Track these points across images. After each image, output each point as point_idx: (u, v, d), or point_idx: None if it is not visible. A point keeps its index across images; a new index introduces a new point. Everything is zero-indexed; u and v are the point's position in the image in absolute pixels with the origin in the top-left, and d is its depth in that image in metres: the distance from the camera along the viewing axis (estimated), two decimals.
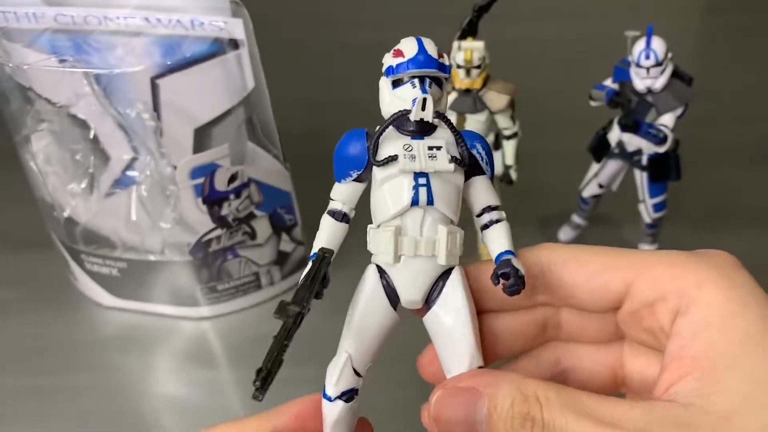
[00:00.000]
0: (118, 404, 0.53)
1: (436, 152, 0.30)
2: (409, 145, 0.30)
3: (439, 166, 0.29)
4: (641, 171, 0.60)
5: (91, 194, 0.54)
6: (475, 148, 0.31)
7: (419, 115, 0.29)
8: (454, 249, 0.30)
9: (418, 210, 0.30)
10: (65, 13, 0.49)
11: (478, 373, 0.28)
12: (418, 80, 0.30)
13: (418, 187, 0.29)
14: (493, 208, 0.31)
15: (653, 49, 0.54)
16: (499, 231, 0.31)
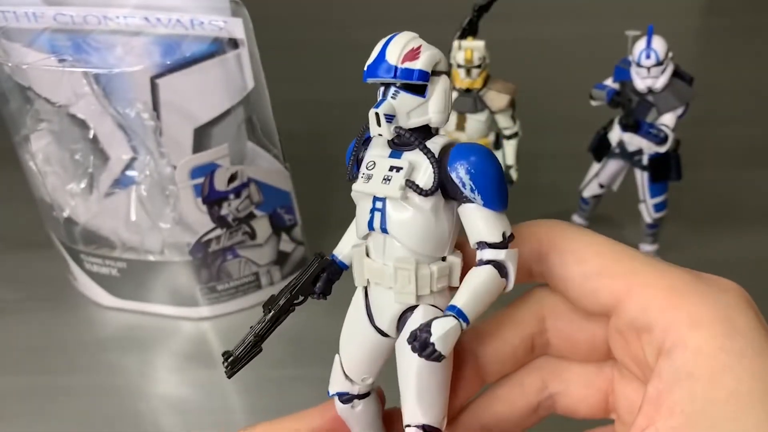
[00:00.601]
0: (117, 404, 0.53)
1: (393, 175, 0.26)
2: (374, 162, 0.27)
3: (386, 191, 0.26)
4: (642, 171, 0.60)
5: (91, 194, 0.54)
6: (456, 171, 0.25)
7: (375, 131, 0.26)
8: (408, 286, 0.26)
9: (379, 235, 0.27)
10: (65, 12, 0.49)
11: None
12: (383, 88, 0.26)
13: (374, 211, 0.27)
14: (490, 246, 0.26)
15: (654, 48, 0.54)
16: (471, 277, 0.26)
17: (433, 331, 0.24)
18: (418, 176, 0.26)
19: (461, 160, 0.25)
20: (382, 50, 0.26)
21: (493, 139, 0.60)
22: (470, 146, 0.26)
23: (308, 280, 0.29)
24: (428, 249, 0.26)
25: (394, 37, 0.26)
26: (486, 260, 0.26)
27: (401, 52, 0.25)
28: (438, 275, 0.27)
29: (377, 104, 0.26)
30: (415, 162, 0.26)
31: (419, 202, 0.26)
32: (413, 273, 0.26)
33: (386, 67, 0.26)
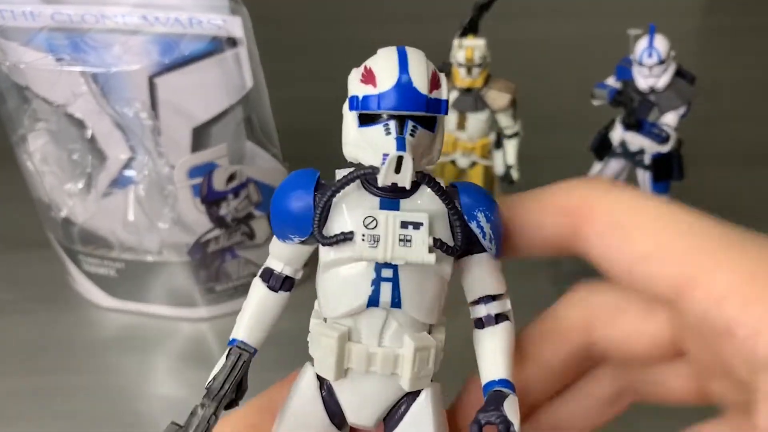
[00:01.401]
0: (115, 406, 0.53)
1: (412, 233, 0.21)
2: (373, 218, 0.21)
3: (413, 257, 0.21)
4: (644, 170, 0.59)
5: (89, 194, 0.54)
6: (477, 220, 0.22)
7: (390, 180, 0.20)
8: (425, 369, 0.22)
9: (379, 312, 0.22)
10: (62, 11, 0.48)
11: None
12: (396, 123, 0.20)
13: (380, 282, 0.21)
14: (494, 298, 0.23)
15: (656, 47, 0.54)
16: (496, 340, 0.22)
17: (513, 420, 0.20)
18: (437, 232, 0.21)
19: (479, 206, 0.22)
20: (404, 73, 0.20)
21: (494, 139, 0.60)
22: (477, 189, 0.22)
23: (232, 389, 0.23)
24: (435, 317, 0.22)
25: (406, 55, 0.21)
26: (495, 314, 0.23)
27: (428, 78, 0.21)
28: (443, 345, 0.23)
29: (399, 145, 0.20)
30: (431, 213, 0.21)
31: (442, 265, 0.22)
32: (434, 351, 0.22)
33: (417, 97, 0.20)
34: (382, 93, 0.20)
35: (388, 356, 0.22)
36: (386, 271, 0.21)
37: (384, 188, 0.21)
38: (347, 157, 0.23)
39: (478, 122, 0.57)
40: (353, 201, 0.22)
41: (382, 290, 0.21)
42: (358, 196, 0.22)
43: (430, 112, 0.21)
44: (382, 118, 0.21)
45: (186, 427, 0.22)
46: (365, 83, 0.21)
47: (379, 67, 0.21)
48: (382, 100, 0.20)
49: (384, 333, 0.22)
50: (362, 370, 0.22)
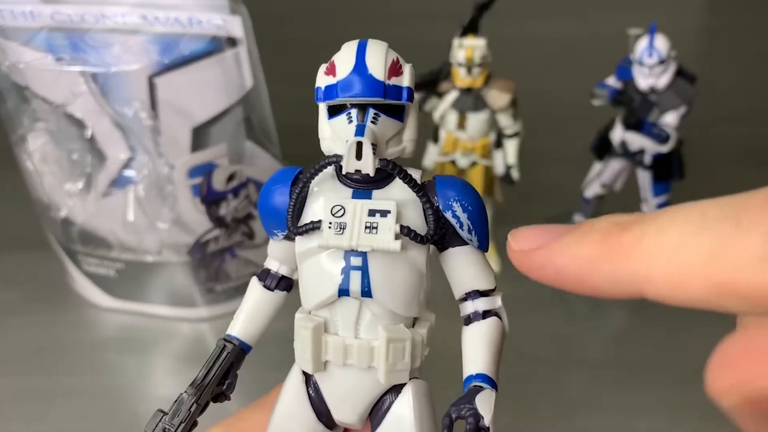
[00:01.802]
0: (115, 406, 0.53)
1: (379, 220, 0.21)
2: (341, 207, 0.21)
3: (378, 244, 0.20)
4: (644, 170, 0.59)
5: (88, 194, 0.54)
6: (452, 210, 0.21)
7: (353, 166, 0.21)
8: (400, 362, 0.21)
9: (352, 302, 0.21)
10: (62, 11, 0.48)
11: None
12: (357, 111, 0.21)
13: (350, 270, 0.21)
14: (482, 294, 0.22)
15: (656, 47, 0.54)
16: (479, 334, 0.22)
17: (484, 414, 0.20)
18: (408, 218, 0.21)
19: (455, 196, 0.21)
20: (360, 62, 0.21)
21: (494, 139, 0.60)
22: (455, 180, 0.22)
23: (216, 380, 0.23)
24: (414, 311, 0.22)
25: (365, 45, 0.21)
26: (483, 311, 0.22)
27: (386, 66, 0.21)
28: (426, 340, 0.22)
29: (357, 131, 0.20)
30: (400, 202, 0.21)
31: (414, 253, 0.21)
32: (409, 344, 0.21)
33: (373, 83, 0.21)
34: (339, 81, 0.21)
35: (363, 348, 0.21)
36: (355, 259, 0.21)
37: (357, 180, 0.22)
38: (324, 151, 0.23)
39: (478, 122, 0.57)
40: (326, 192, 0.22)
41: (352, 279, 0.21)
42: (332, 187, 0.22)
43: (389, 99, 0.21)
44: (347, 108, 0.21)
45: (170, 414, 0.23)
46: (327, 74, 0.22)
47: (339, 58, 0.21)
48: (339, 88, 0.21)
49: (359, 324, 0.22)
50: (339, 362, 0.22)
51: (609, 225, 0.18)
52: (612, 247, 0.17)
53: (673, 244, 0.16)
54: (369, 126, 0.21)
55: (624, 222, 0.18)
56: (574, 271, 0.18)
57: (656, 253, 0.16)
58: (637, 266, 0.17)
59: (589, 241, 0.18)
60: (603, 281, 0.18)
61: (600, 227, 0.18)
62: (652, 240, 0.16)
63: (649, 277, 0.17)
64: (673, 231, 0.16)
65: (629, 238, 0.17)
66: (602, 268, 0.17)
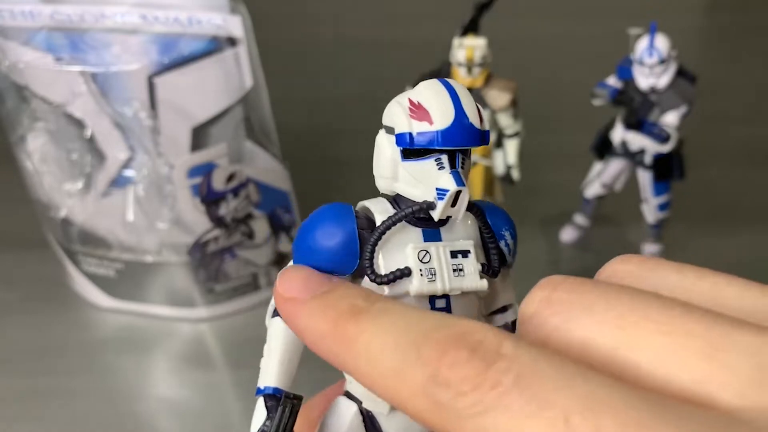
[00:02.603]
0: (114, 407, 0.53)
1: (462, 262, 0.21)
2: (426, 251, 0.21)
3: (468, 285, 0.21)
4: (645, 170, 0.59)
5: (88, 194, 0.54)
6: (504, 239, 0.23)
7: (447, 213, 0.21)
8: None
9: None
10: (61, 10, 0.48)
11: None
12: (447, 157, 0.20)
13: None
14: (506, 309, 0.24)
15: (656, 47, 0.54)
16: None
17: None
18: (479, 257, 0.22)
19: (507, 227, 0.23)
20: (459, 110, 0.20)
21: (495, 139, 0.60)
22: (495, 207, 0.23)
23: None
24: None
25: (455, 92, 0.21)
26: (511, 323, 0.23)
27: (479, 113, 0.21)
28: None
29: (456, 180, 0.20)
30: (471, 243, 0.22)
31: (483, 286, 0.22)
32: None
33: (474, 132, 0.20)
34: (442, 130, 0.20)
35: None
36: (440, 301, 0.21)
37: (424, 219, 0.21)
38: (382, 189, 0.22)
39: None
40: (398, 235, 0.21)
41: None
42: (400, 229, 0.22)
43: (482, 143, 0.21)
44: (433, 153, 0.21)
45: None
46: (418, 120, 0.20)
47: (432, 103, 0.20)
48: (443, 138, 0.20)
49: None
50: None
51: (346, 307, 0.19)
52: (338, 333, 0.19)
53: (375, 352, 0.17)
54: (460, 172, 0.20)
55: (358, 309, 0.19)
56: (308, 338, 0.20)
57: (362, 353, 0.18)
58: (349, 359, 0.18)
59: (326, 318, 0.19)
60: (329, 357, 0.19)
61: (340, 307, 0.19)
62: (364, 339, 0.18)
63: (356, 372, 0.18)
64: (379, 338, 0.17)
65: (352, 330, 0.18)
66: (327, 345, 0.19)
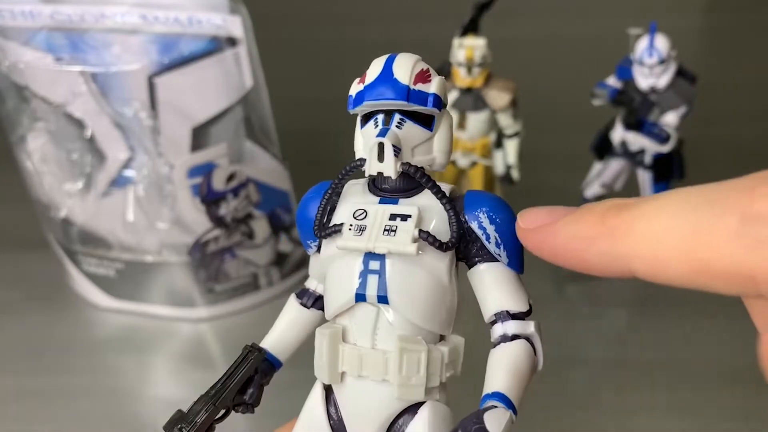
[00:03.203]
0: (114, 407, 0.53)
1: (399, 224, 0.20)
2: (364, 210, 0.21)
3: (394, 246, 0.20)
4: (644, 170, 0.59)
5: (88, 194, 0.54)
6: (478, 220, 0.21)
7: (375, 168, 0.21)
8: (415, 376, 0.20)
9: (369, 309, 0.21)
10: (61, 10, 0.48)
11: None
12: (384, 116, 0.21)
13: (367, 274, 0.21)
14: (513, 316, 0.21)
15: (656, 47, 0.53)
16: (502, 357, 0.20)
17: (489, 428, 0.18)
18: (429, 227, 0.21)
19: (483, 206, 0.21)
20: (387, 68, 0.21)
21: (495, 139, 0.60)
22: (486, 193, 0.22)
23: (238, 385, 0.23)
24: (436, 325, 0.21)
25: (395, 55, 0.22)
26: (512, 335, 0.21)
27: (412, 72, 0.21)
28: (449, 359, 0.21)
29: (381, 132, 0.21)
30: (423, 209, 0.21)
31: (433, 261, 0.21)
32: (424, 356, 0.20)
33: (398, 87, 0.21)
34: (366, 86, 0.21)
35: (378, 358, 0.21)
36: (373, 263, 0.21)
37: (386, 189, 0.22)
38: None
39: (478, 122, 0.57)
40: (354, 199, 0.22)
41: (369, 283, 0.21)
42: (361, 196, 0.22)
43: (413, 102, 0.21)
44: (376, 114, 0.22)
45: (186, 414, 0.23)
46: (358, 83, 0.22)
47: (371, 68, 0.22)
48: (365, 93, 0.21)
49: (376, 333, 0.21)
50: (355, 373, 0.21)
51: (608, 206, 0.19)
52: (608, 227, 0.18)
53: (661, 227, 0.17)
54: (393, 129, 0.21)
55: (622, 204, 0.19)
56: (571, 249, 0.19)
57: (646, 234, 0.17)
58: (628, 246, 0.18)
59: (587, 221, 0.19)
60: (597, 259, 0.19)
61: (599, 209, 0.19)
62: (643, 222, 0.18)
63: (638, 256, 0.18)
64: (662, 214, 0.17)
65: (625, 219, 0.18)
66: (597, 246, 0.19)
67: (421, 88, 0.21)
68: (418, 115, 0.21)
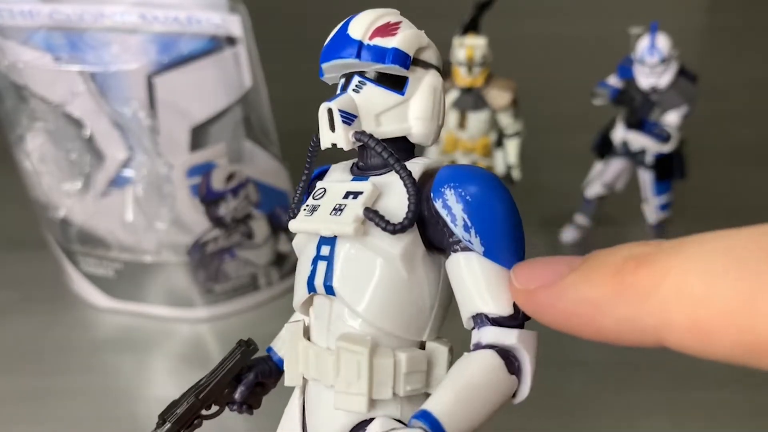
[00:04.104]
0: (113, 408, 0.53)
1: (348, 202, 0.17)
2: (323, 189, 0.19)
3: (337, 226, 0.17)
4: (646, 170, 0.59)
5: (87, 194, 0.53)
6: (443, 198, 0.17)
7: (328, 140, 0.18)
8: (355, 383, 0.17)
9: (324, 301, 0.18)
10: (60, 10, 0.48)
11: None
12: (344, 80, 0.19)
13: (318, 261, 0.18)
14: (492, 321, 0.17)
15: (657, 46, 0.53)
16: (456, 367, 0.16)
17: None
18: (388, 205, 0.17)
19: (452, 182, 0.17)
20: (345, 24, 0.19)
21: (495, 138, 0.59)
22: (466, 168, 0.18)
23: (224, 380, 0.21)
24: (395, 323, 0.17)
25: (360, 14, 0.19)
26: (486, 344, 0.17)
27: (370, 26, 0.18)
28: (408, 369, 0.17)
29: (331, 98, 0.18)
30: (383, 185, 0.18)
31: (385, 245, 0.17)
32: (365, 359, 0.16)
33: (347, 43, 0.18)
34: (325, 46, 0.19)
35: (328, 359, 0.17)
36: (325, 247, 0.18)
37: (361, 166, 0.19)
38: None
39: (478, 121, 0.57)
40: (329, 179, 0.19)
41: (318, 270, 0.18)
42: (341, 172, 0.19)
43: (366, 60, 0.18)
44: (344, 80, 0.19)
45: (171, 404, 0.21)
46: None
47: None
48: (323, 52, 0.19)
49: (330, 328, 0.18)
50: (313, 376, 0.18)
51: (623, 259, 0.15)
52: (627, 287, 0.15)
53: (701, 286, 0.13)
54: (347, 94, 0.18)
55: (640, 255, 0.15)
56: (581, 315, 0.15)
57: (680, 295, 0.14)
58: (656, 312, 0.14)
59: (600, 280, 0.15)
60: (616, 327, 0.15)
61: (612, 261, 0.15)
62: (675, 280, 0.14)
63: (671, 324, 0.14)
64: (700, 269, 0.14)
65: (648, 275, 0.14)
66: (615, 311, 0.15)
67: (378, 42, 0.18)
68: (385, 77, 0.18)
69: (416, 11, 1.04)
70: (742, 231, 0.14)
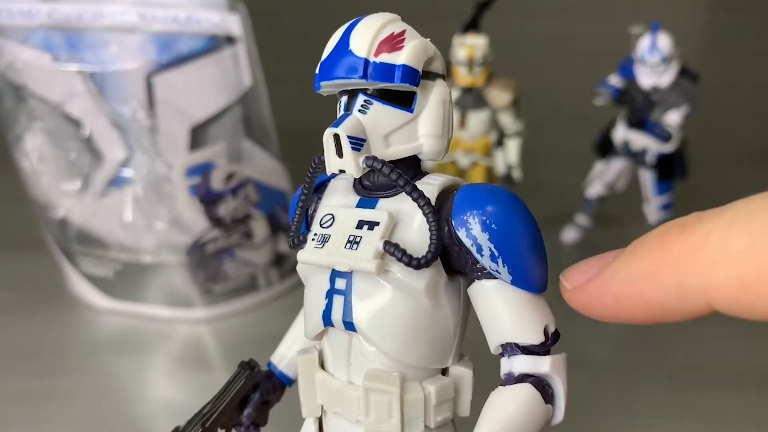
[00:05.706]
0: (112, 408, 0.53)
1: (364, 234, 0.16)
2: (332, 216, 0.17)
3: (354, 262, 0.16)
4: (647, 169, 0.59)
5: (86, 194, 0.53)
6: (466, 226, 0.16)
7: (335, 166, 0.17)
8: (386, 422, 0.16)
9: (341, 336, 0.17)
10: (59, 9, 0.48)
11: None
12: (347, 98, 0.17)
13: (333, 295, 0.17)
14: (524, 350, 0.16)
15: (658, 45, 0.53)
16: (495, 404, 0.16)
17: None
18: (406, 236, 0.16)
19: (474, 208, 0.16)
20: (344, 37, 0.17)
21: (496, 138, 0.59)
22: (486, 189, 0.16)
23: (231, 405, 0.20)
24: (421, 357, 0.17)
25: (359, 20, 0.18)
26: (519, 375, 0.16)
27: (374, 40, 0.16)
28: (438, 400, 0.17)
29: (337, 121, 0.16)
30: (398, 213, 0.16)
31: (407, 280, 0.16)
32: (396, 399, 0.16)
33: (352, 62, 0.16)
34: (321, 62, 0.17)
35: (352, 395, 0.16)
36: (340, 281, 0.17)
37: (367, 186, 0.18)
38: None
39: (479, 121, 0.57)
40: (333, 198, 0.18)
41: (335, 305, 0.17)
42: (344, 193, 0.18)
43: (374, 80, 0.16)
44: (342, 96, 0.17)
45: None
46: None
47: (331, 40, 0.17)
48: (320, 71, 0.17)
49: (350, 364, 0.17)
50: (331, 409, 0.17)
51: (665, 230, 0.15)
52: (671, 253, 0.15)
53: (744, 242, 0.13)
54: (354, 116, 0.16)
55: (682, 223, 0.15)
56: (631, 293, 0.15)
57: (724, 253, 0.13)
58: (701, 271, 0.14)
59: (644, 254, 0.15)
60: (665, 296, 0.15)
61: (654, 235, 0.15)
62: (718, 238, 0.14)
63: (717, 283, 0.14)
64: (742, 227, 0.13)
65: (691, 239, 0.14)
66: (662, 280, 0.15)
67: (385, 59, 0.16)
68: (391, 93, 0.17)
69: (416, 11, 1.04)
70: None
